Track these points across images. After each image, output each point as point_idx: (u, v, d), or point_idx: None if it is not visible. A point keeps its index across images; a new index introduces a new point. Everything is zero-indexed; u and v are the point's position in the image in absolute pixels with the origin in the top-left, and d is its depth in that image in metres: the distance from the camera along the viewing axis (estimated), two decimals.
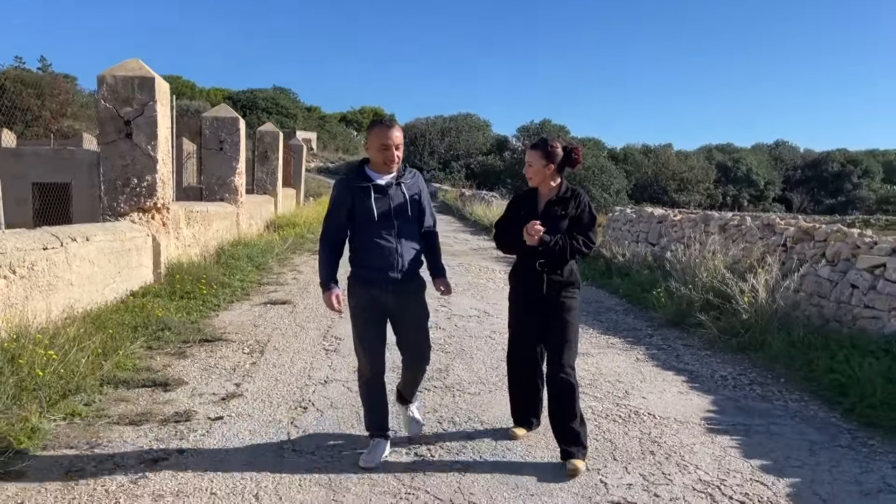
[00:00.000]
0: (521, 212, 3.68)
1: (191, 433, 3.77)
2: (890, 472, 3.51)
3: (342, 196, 3.38)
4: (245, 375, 4.85)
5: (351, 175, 3.42)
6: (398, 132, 3.34)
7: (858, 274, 5.86)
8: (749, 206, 59.52)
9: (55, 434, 3.64)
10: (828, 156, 71.54)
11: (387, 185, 3.36)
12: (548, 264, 3.56)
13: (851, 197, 65.80)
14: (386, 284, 3.35)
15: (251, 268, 9.58)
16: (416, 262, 3.45)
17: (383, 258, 3.33)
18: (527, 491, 3.20)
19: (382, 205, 3.33)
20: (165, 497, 3.03)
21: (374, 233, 3.33)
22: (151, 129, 7.95)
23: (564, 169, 3.67)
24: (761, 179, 64.00)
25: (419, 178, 3.54)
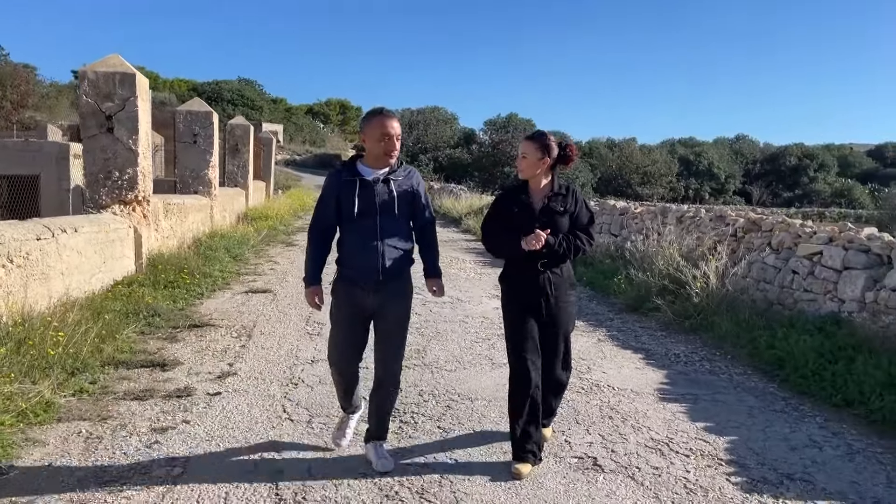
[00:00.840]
0: (514, 209, 3.46)
1: (193, 406, 4.11)
2: (815, 431, 4.03)
3: (331, 188, 3.28)
4: (236, 357, 5.20)
5: (339, 168, 3.33)
6: (397, 122, 3.23)
7: (799, 261, 6.43)
8: (710, 200, 60.92)
9: (68, 408, 3.96)
10: (785, 150, 73.43)
11: (373, 181, 3.22)
12: (549, 264, 3.41)
13: (808, 190, 67.73)
14: (367, 284, 3.23)
15: (229, 259, 9.85)
16: (401, 262, 3.29)
17: (364, 257, 3.20)
18: (500, 449, 3.63)
19: (366, 201, 3.19)
20: (178, 459, 3.38)
21: (355, 230, 3.22)
22: (132, 124, 8.17)
23: (556, 166, 3.49)
24: (722, 173, 65.52)
25: (414, 176, 3.38)
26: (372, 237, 3.20)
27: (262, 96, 65.55)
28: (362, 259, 3.21)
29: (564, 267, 3.48)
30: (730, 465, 3.51)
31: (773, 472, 3.45)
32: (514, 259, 3.46)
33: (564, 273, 3.48)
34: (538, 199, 3.46)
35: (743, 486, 3.28)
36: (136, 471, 3.24)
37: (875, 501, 3.18)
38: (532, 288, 3.43)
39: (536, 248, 3.29)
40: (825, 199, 63.88)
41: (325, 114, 76.72)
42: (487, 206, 18.77)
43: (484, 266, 10.92)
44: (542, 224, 3.37)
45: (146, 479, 3.15)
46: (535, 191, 3.49)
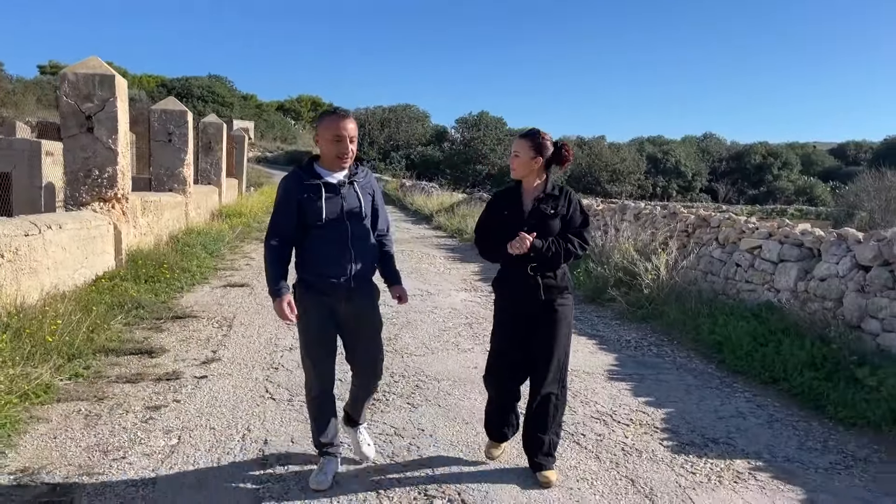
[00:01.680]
0: (505, 211, 3.34)
1: (182, 388, 4.48)
2: (742, 404, 4.54)
3: (290, 194, 3.06)
4: (219, 345, 5.56)
5: (299, 171, 3.12)
6: (352, 123, 3.07)
7: (741, 254, 6.97)
8: (678, 197, 62.08)
9: (66, 390, 4.30)
10: (750, 148, 74.94)
11: (339, 184, 3.08)
12: (540, 268, 3.26)
13: (772, 188, 69.36)
14: (338, 292, 3.08)
15: (206, 255, 10.13)
16: (370, 267, 3.23)
17: (335, 264, 3.06)
18: (462, 420, 4.07)
19: (333, 205, 3.04)
20: (174, 431, 3.76)
21: (324, 236, 3.06)
22: (112, 124, 8.43)
23: (551, 166, 3.37)
24: (689, 171, 66.76)
25: (372, 177, 3.29)
26: (343, 243, 3.07)
27: (233, 93, 65.16)
28: (334, 267, 3.06)
29: (558, 272, 3.31)
30: (664, 432, 3.99)
31: (701, 437, 3.95)
32: (506, 263, 3.35)
33: (558, 277, 3.31)
34: (529, 201, 3.34)
35: (672, 449, 3.76)
36: (136, 442, 3.61)
37: (786, 459, 3.69)
38: (522, 293, 3.29)
39: (521, 251, 3.15)
40: (788, 197, 65.55)
41: (296, 110, 76.51)
42: (458, 203, 19.23)
43: (454, 262, 11.35)
44: (530, 227, 3.23)
45: (146, 449, 3.53)
46: (527, 192, 3.36)
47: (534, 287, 3.26)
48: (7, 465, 3.27)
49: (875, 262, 5.33)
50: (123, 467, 3.31)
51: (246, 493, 3.11)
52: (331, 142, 3.05)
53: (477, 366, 5.20)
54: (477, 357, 5.44)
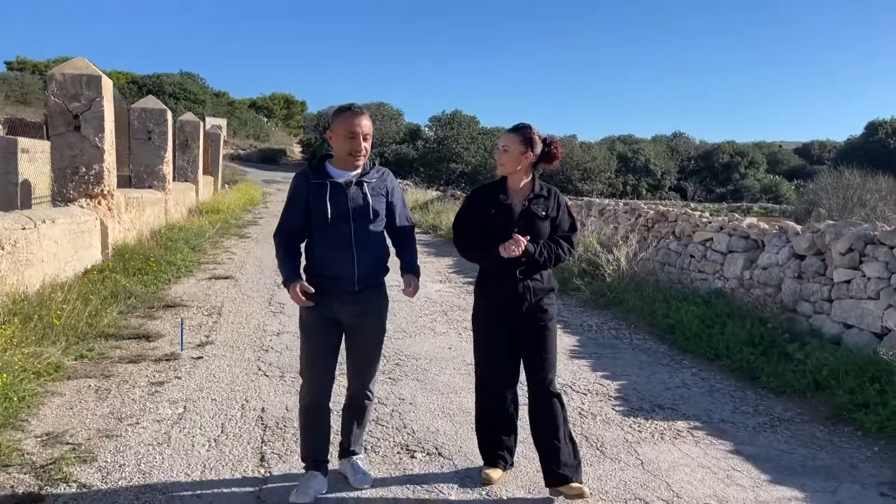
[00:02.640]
0: (492, 210, 3.16)
1: (181, 367, 4.89)
2: (688, 377, 5.09)
3: (298, 191, 3.04)
4: (211, 330, 5.97)
5: (307, 169, 3.09)
6: (367, 120, 3.00)
7: (695, 246, 7.56)
8: (647, 195, 63.13)
9: (74, 369, 4.68)
10: (718, 147, 76.35)
11: (346, 184, 3.00)
12: (528, 271, 3.13)
13: (739, 186, 70.87)
14: (342, 295, 2.99)
15: (188, 249, 10.45)
16: (377, 271, 3.11)
17: (338, 266, 2.97)
18: (438, 391, 4.55)
19: (339, 205, 2.97)
20: (178, 402, 4.18)
21: (328, 236, 2.99)
22: (99, 123, 8.73)
23: (539, 164, 3.25)
24: (658, 169, 67.84)
25: (388, 177, 3.18)
26: (346, 244, 2.98)
27: (205, 90, 64.72)
28: (336, 268, 2.98)
29: (544, 273, 3.20)
30: (616, 400, 4.51)
31: (649, 403, 4.48)
32: (492, 265, 3.18)
33: (545, 279, 3.20)
34: (518, 201, 3.18)
35: (623, 412, 4.28)
36: (145, 411, 4.03)
37: (720, 421, 4.23)
38: (510, 297, 3.14)
39: (515, 254, 3.01)
40: (754, 195, 67.18)
41: (269, 108, 76.18)
42: (432, 200, 19.69)
43: (429, 256, 11.82)
44: (520, 228, 3.09)
45: (155, 416, 3.95)
46: (514, 191, 3.21)
47: (522, 291, 3.13)
48: (33, 430, 3.67)
49: (809, 251, 5.92)
50: (138, 431, 3.73)
51: (252, 448, 3.55)
52: (344, 138, 2.98)
53: (451, 346, 5.69)
54: (451, 339, 5.92)
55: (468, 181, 41.39)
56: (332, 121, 3.06)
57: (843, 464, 3.64)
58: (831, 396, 4.38)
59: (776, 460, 3.65)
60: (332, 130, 3.03)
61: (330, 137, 3.06)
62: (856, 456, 3.74)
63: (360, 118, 2.99)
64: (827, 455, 3.75)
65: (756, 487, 3.32)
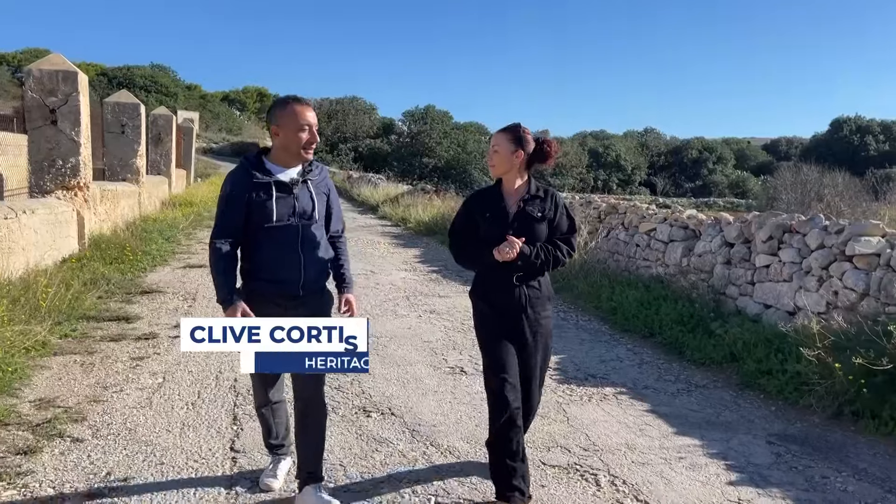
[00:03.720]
0: (487, 213, 3.07)
1: (160, 345, 5.32)
2: (623, 352, 5.64)
3: (239, 189, 2.80)
4: (186, 313, 6.38)
5: (247, 166, 2.83)
6: (314, 112, 2.84)
7: (640, 236, 8.13)
8: (618, 190, 64.16)
9: (59, 346, 5.09)
10: (688, 143, 77.63)
11: (291, 183, 2.83)
12: (525, 277, 3.02)
13: (707, 181, 72.33)
14: (286, 301, 2.83)
15: (163, 240, 10.81)
16: (322, 273, 2.96)
17: (284, 269, 2.82)
18: (395, 363, 5.04)
19: (284, 206, 2.80)
20: (158, 374, 4.62)
21: (272, 239, 2.81)
22: (75, 117, 9.05)
23: (534, 164, 3.11)
24: (629, 165, 68.98)
25: (327, 174, 3.03)
26: (292, 247, 2.83)
27: (177, 83, 64.35)
28: (281, 272, 2.82)
29: (542, 280, 3.09)
30: (555, 371, 5.04)
31: (583, 373, 5.02)
32: (486, 271, 3.07)
33: (542, 287, 3.09)
34: (512, 203, 3.07)
35: (558, 380, 4.81)
36: (128, 381, 4.46)
37: (644, 387, 4.78)
38: (506, 304, 3.03)
39: (510, 258, 2.90)
40: (722, 190, 68.58)
41: (241, 101, 75.81)
42: (403, 194, 20.15)
43: (397, 247, 12.29)
44: (515, 231, 2.98)
45: (137, 385, 4.38)
46: (508, 193, 3.10)
47: (519, 297, 3.01)
48: (26, 397, 4.08)
49: (738, 240, 6.51)
50: (122, 397, 4.16)
51: (226, 411, 4.01)
52: (296, 132, 2.77)
53: (410, 327, 6.19)
54: (411, 321, 6.42)
55: (441, 176, 41.83)
56: (275, 114, 2.83)
57: (742, 420, 4.20)
58: (742, 366, 4.95)
59: (685, 418, 4.20)
60: (280, 124, 2.79)
61: (275, 133, 2.82)
62: (754, 414, 4.31)
63: (309, 109, 2.81)
64: (730, 413, 4.31)
65: (662, 438, 3.87)
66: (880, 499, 3.20)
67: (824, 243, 5.43)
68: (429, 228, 14.42)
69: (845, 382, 4.03)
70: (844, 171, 28.44)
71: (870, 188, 29.19)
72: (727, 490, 3.26)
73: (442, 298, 7.62)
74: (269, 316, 2.72)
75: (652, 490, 3.23)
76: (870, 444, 3.82)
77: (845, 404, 4.08)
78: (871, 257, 5.00)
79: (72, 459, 3.31)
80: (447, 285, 8.50)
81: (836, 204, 23.40)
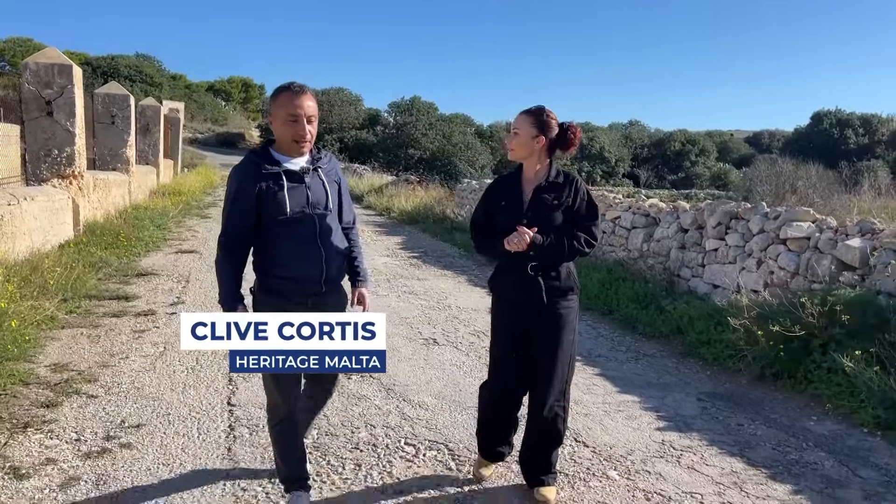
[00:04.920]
0: (502, 202, 2.98)
1: (158, 320, 5.80)
2: (582, 328, 6.16)
3: (246, 186, 2.63)
4: (181, 293, 6.87)
5: (254, 158, 2.70)
6: (311, 101, 2.64)
7: (607, 223, 8.69)
8: (602, 182, 64.82)
9: (67, 321, 5.56)
10: (671, 136, 78.39)
11: (302, 172, 2.69)
12: (542, 267, 2.89)
13: (690, 174, 73.19)
14: (305, 298, 2.69)
15: (154, 227, 11.25)
16: (342, 267, 2.83)
17: (303, 265, 2.66)
18: None
19: (298, 196, 2.65)
20: (159, 344, 5.11)
21: (288, 233, 2.65)
22: (70, 109, 9.46)
23: (555, 150, 2.98)
24: (612, 157, 69.66)
25: (336, 163, 2.89)
26: (311, 241, 2.68)
27: (162, 73, 64.14)
28: (301, 268, 2.66)
29: (563, 269, 2.95)
30: None
31: None
32: (503, 260, 2.99)
33: (562, 277, 2.95)
34: (529, 189, 2.95)
35: None
36: (132, 349, 4.95)
37: (597, 356, 5.34)
38: (522, 295, 2.92)
39: (520, 248, 2.79)
40: (704, 182, 69.54)
41: (227, 91, 75.67)
42: (387, 185, 20.65)
43: (380, 235, 12.79)
44: (530, 220, 2.86)
45: (141, 353, 4.88)
46: (527, 179, 2.99)
47: (535, 288, 2.89)
48: (42, 362, 4.56)
49: (692, 226, 7.08)
50: (128, 363, 4.66)
51: (222, 374, 4.52)
52: (285, 123, 2.62)
53: (389, 305, 6.70)
54: (390, 301, 6.94)
55: (426, 167, 42.26)
56: (270, 103, 2.75)
57: (679, 382, 4.77)
58: (686, 337, 5.52)
59: (629, 380, 4.76)
60: (273, 114, 2.68)
61: (271, 122, 2.73)
62: (691, 377, 4.88)
63: (301, 98, 2.61)
64: (670, 377, 4.88)
65: (606, 395, 4.42)
66: (783, 441, 3.77)
67: (764, 228, 6.01)
68: (411, 217, 14.93)
69: (767, 348, 4.60)
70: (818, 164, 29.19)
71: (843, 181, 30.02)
72: (654, 434, 3.82)
73: (420, 281, 8.15)
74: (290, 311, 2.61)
75: (590, 434, 3.78)
76: (784, 400, 4.40)
77: (767, 367, 4.66)
78: (801, 240, 5.58)
79: (89, 411, 3.81)
80: (426, 269, 9.03)
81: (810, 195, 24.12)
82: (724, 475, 3.33)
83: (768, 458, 3.53)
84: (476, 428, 3.24)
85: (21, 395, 3.96)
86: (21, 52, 47.99)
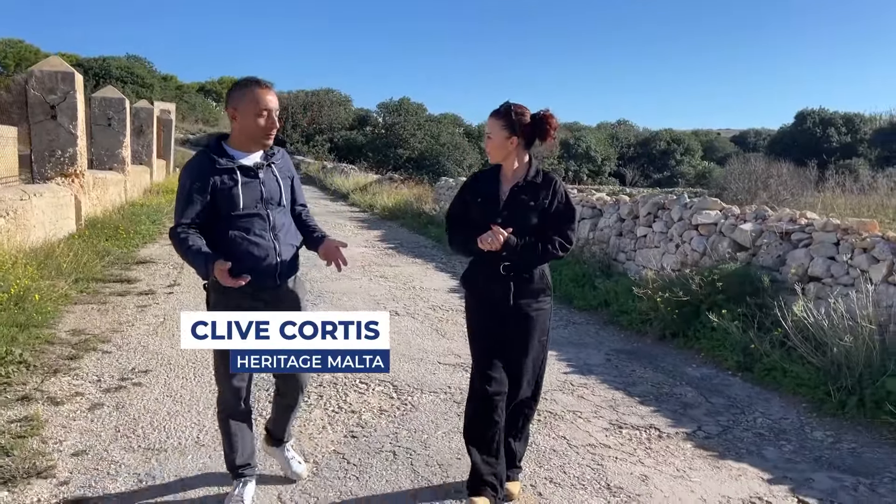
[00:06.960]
0: (478, 199, 2.92)
1: (158, 297, 6.71)
2: None
3: (199, 181, 2.66)
4: (177, 277, 7.77)
5: (208, 152, 2.72)
6: (275, 95, 2.70)
7: None
8: (588, 181, 65.88)
9: (78, 298, 6.46)
10: (656, 135, 79.48)
11: (256, 167, 2.73)
12: (514, 267, 2.85)
13: (675, 172, 74.36)
14: (260, 293, 2.72)
15: (149, 222, 12.13)
16: (294, 261, 2.88)
17: (256, 260, 2.69)
18: (343, 309, 6.49)
19: (251, 192, 2.70)
20: (160, 315, 6.02)
21: (242, 227, 2.69)
22: (73, 112, 10.34)
23: (534, 143, 2.91)
24: (599, 156, 70.70)
25: (289, 159, 2.93)
26: (264, 235, 2.73)
27: (153, 74, 64.75)
28: (254, 263, 2.68)
29: (536, 271, 2.90)
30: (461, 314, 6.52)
31: None
32: (476, 259, 2.95)
33: (535, 278, 2.91)
34: (506, 188, 2.90)
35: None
36: (137, 319, 5.86)
37: (565, 339, 6.27)
38: (493, 294, 2.89)
39: (493, 248, 2.73)
40: (688, 181, 70.66)
41: (217, 92, 76.24)
42: (372, 183, 21.56)
43: (361, 229, 13.70)
44: (505, 218, 2.82)
45: (144, 322, 5.79)
46: (505, 177, 2.93)
47: (505, 289, 2.86)
48: (62, 328, 5.47)
49: (629, 216, 8.03)
50: (135, 328, 5.57)
51: None
52: (256, 116, 2.65)
53: (362, 286, 7.63)
54: (363, 283, 7.87)
55: (415, 166, 43.15)
56: (234, 96, 2.71)
57: (595, 342, 5.72)
58: (610, 308, 6.47)
59: (553, 340, 5.64)
60: (239, 108, 2.67)
61: (233, 116, 2.70)
62: (607, 339, 5.84)
63: (271, 93, 2.69)
64: (589, 338, 5.83)
65: None
66: (662, 381, 4.72)
67: (682, 216, 6.97)
68: (392, 213, 15.85)
69: (665, 313, 5.56)
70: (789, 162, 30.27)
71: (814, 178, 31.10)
72: (560, 376, 4.77)
73: (392, 268, 9.08)
74: (245, 307, 2.66)
75: None
76: (676, 353, 5.37)
77: (666, 328, 5.62)
78: (710, 226, 6.54)
79: (106, 362, 4.73)
80: (399, 258, 9.97)
81: (780, 192, 25.21)
82: (604, 401, 4.29)
83: (644, 391, 4.49)
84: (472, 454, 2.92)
85: (48, 350, 4.87)
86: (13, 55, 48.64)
